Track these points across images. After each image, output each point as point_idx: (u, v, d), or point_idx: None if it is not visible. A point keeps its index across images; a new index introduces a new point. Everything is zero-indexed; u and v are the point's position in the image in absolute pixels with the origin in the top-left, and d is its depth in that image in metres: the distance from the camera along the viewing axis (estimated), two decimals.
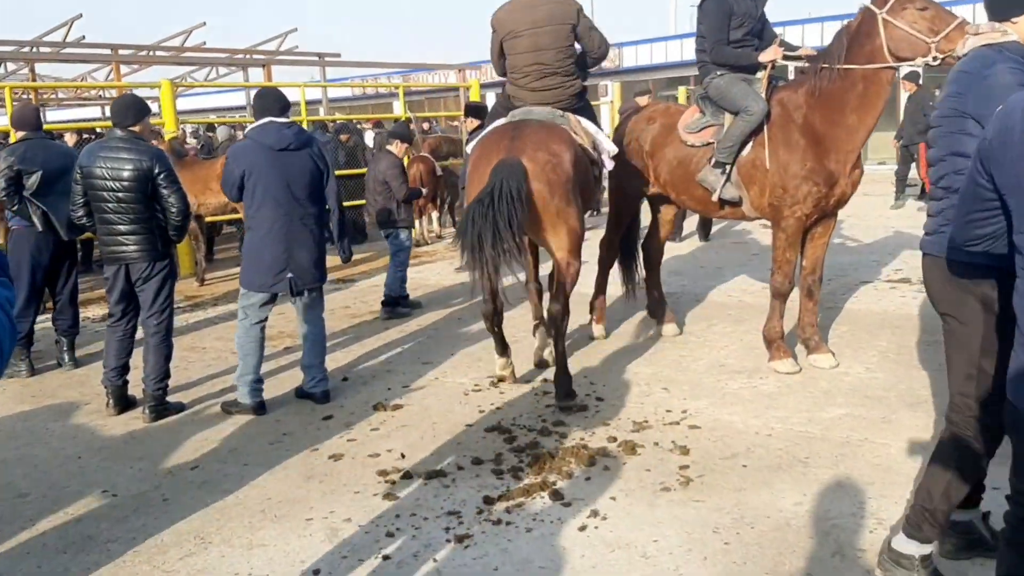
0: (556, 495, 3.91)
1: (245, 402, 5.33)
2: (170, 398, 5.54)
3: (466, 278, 9.51)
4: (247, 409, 5.31)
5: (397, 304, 8.00)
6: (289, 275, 5.24)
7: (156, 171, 5.25)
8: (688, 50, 26.14)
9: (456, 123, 17.57)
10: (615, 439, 4.56)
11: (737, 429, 4.65)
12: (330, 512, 3.91)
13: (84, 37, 18.25)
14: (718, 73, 5.67)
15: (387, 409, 5.28)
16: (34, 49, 17.71)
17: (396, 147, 8.20)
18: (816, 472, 4.06)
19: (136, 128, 5.31)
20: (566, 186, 5.03)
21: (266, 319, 5.46)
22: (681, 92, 18.46)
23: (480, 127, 6.70)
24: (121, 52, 18.29)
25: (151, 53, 20.60)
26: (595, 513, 3.73)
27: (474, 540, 3.57)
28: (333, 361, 6.47)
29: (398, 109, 16.64)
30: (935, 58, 4.77)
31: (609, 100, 22.16)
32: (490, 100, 26.36)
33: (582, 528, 3.62)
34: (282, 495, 4.13)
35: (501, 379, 5.68)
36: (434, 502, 3.95)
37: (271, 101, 5.35)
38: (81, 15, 17.49)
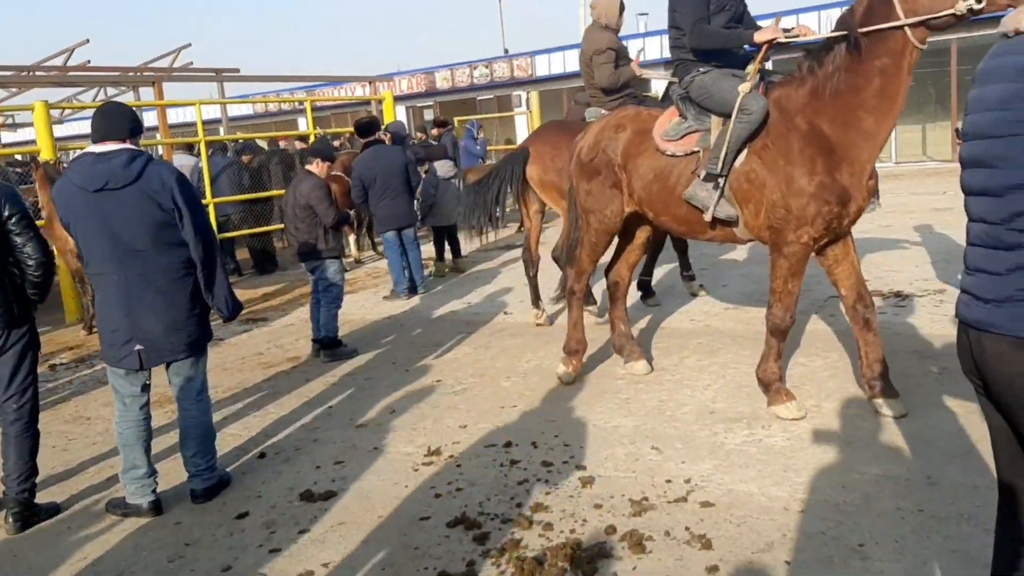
0: None
1: (134, 503, 4.20)
2: (41, 497, 4.39)
3: (395, 311, 8.55)
4: (137, 512, 4.19)
5: (336, 345, 6.94)
6: (136, 347, 4.07)
7: (5, 214, 4.11)
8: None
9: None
10: (614, 529, 3.62)
11: (760, 504, 3.76)
12: None
13: None
14: (701, 70, 4.81)
15: (318, 499, 4.23)
16: None
17: (317, 167, 7.11)
18: (881, 567, 3.19)
19: None
20: None
21: (146, 400, 4.30)
22: None
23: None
24: None
25: (30, 74, 18.88)
26: None
27: None
28: (247, 428, 5.39)
29: (304, 125, 15.48)
30: (971, 9, 3.73)
31: (526, 111, 21.39)
32: (400, 113, 25.34)
33: None
34: None
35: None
36: None
37: (102, 121, 4.07)
38: None
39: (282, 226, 11.76)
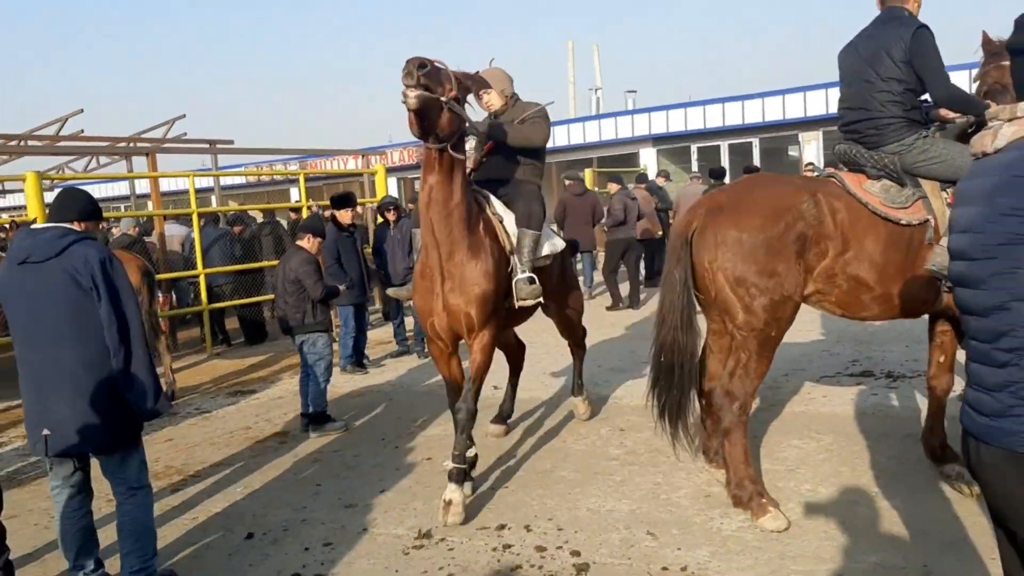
0: None
1: None
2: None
3: (381, 382, 8.51)
4: None
5: (326, 420, 6.88)
6: (44, 431, 3.86)
7: None
8: (591, 132, 26.14)
9: (359, 209, 16.57)
10: None
11: None
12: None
13: None
14: (923, 133, 4.58)
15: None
16: None
17: (308, 242, 7.18)
18: None
19: None
20: None
21: (76, 493, 4.08)
22: (588, 174, 18.00)
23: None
24: None
25: (22, 143, 19.01)
26: None
27: None
28: (234, 507, 5.29)
29: (296, 196, 15.60)
30: None
31: None
32: (392, 186, 25.58)
33: None
34: None
35: None
36: None
37: (53, 204, 4.07)
38: None
39: (272, 297, 11.80)
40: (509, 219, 5.35)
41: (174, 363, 9.10)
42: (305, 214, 12.49)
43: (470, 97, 5.08)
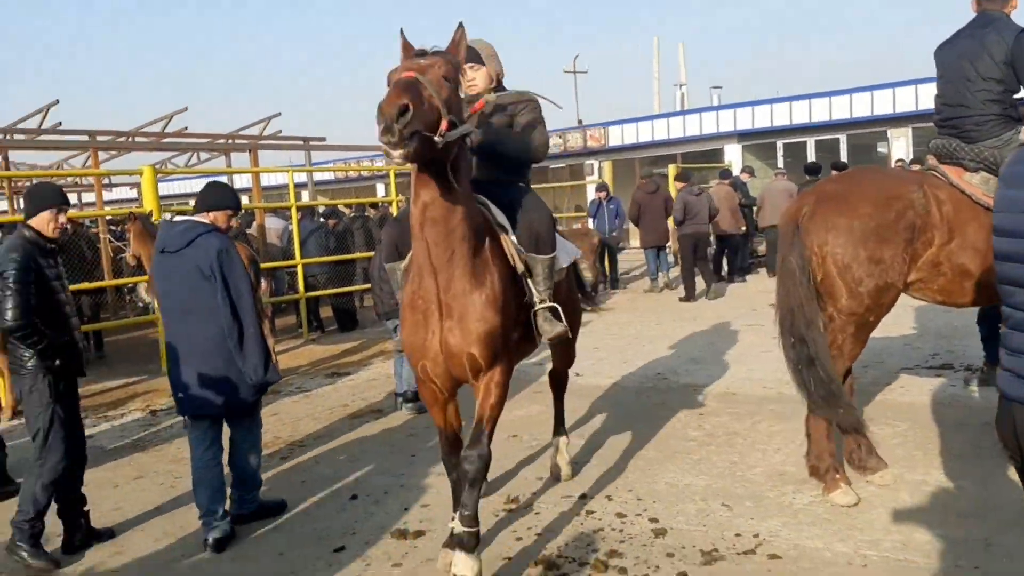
0: None
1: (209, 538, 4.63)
2: (154, 526, 4.81)
3: None
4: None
5: (418, 398, 7.32)
6: (179, 394, 4.68)
7: None
8: (675, 128, 26.20)
9: None
10: (685, 575, 3.86)
11: (825, 559, 3.96)
12: None
13: (60, 124, 17.73)
14: (1019, 129, 4.81)
15: (408, 537, 4.56)
16: (8, 136, 17.15)
17: None
18: None
19: None
20: None
21: (209, 446, 4.71)
22: (671, 169, 18.15)
23: None
24: (99, 138, 17.77)
25: (130, 139, 20.13)
26: None
27: None
28: (337, 473, 5.76)
29: (382, 192, 16.19)
30: None
31: (597, 179, 21.91)
32: None
33: None
34: None
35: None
36: None
37: (197, 197, 4.85)
38: (57, 101, 16.98)
39: (364, 287, 12.38)
40: (510, 230, 4.23)
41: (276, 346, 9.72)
42: (395, 209, 13.03)
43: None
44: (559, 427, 5.52)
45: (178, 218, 4.86)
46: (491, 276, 3.92)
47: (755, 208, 15.82)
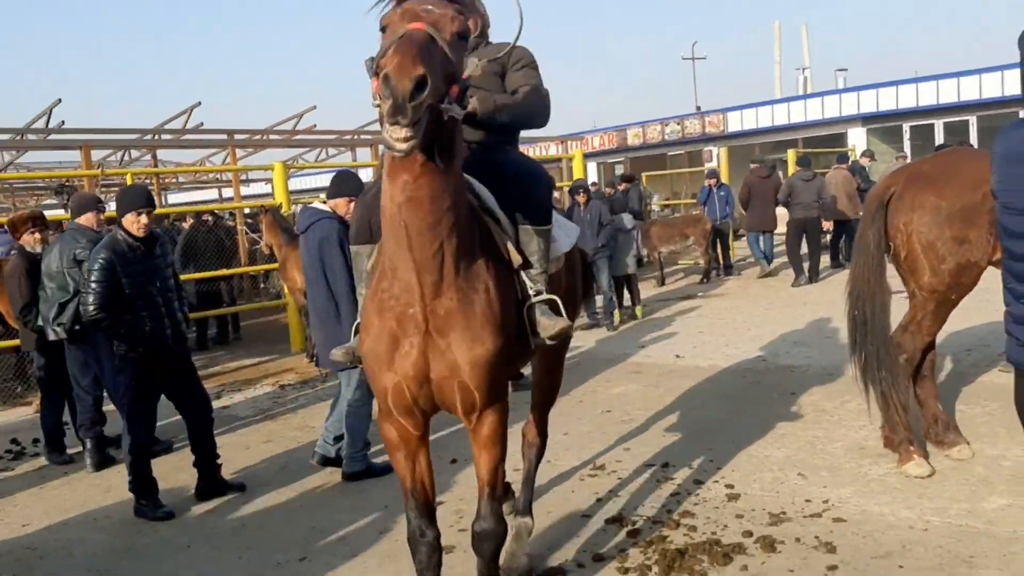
0: None
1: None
2: (287, 477, 5.42)
3: (571, 352, 9.30)
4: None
5: (519, 377, 7.67)
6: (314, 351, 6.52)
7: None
8: (796, 113, 25.70)
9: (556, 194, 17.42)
10: (750, 533, 4.14)
11: (888, 523, 4.16)
12: None
13: (202, 124, 19.12)
14: None
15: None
16: (156, 136, 18.61)
17: None
18: (983, 574, 3.56)
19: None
20: None
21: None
22: (791, 155, 17.93)
23: None
24: (236, 137, 19.01)
25: (265, 137, 21.41)
26: None
27: None
28: (437, 440, 6.25)
29: None
30: None
31: (715, 166, 21.81)
32: (591, 171, 26.33)
33: None
34: None
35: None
36: None
37: (333, 183, 5.63)
38: (200, 103, 18.35)
39: None
40: (501, 214, 3.34)
41: None
42: None
43: None
44: (525, 503, 4.19)
45: (311, 205, 5.87)
46: (488, 281, 3.03)
47: None
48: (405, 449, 3.20)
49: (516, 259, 3.25)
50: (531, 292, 3.28)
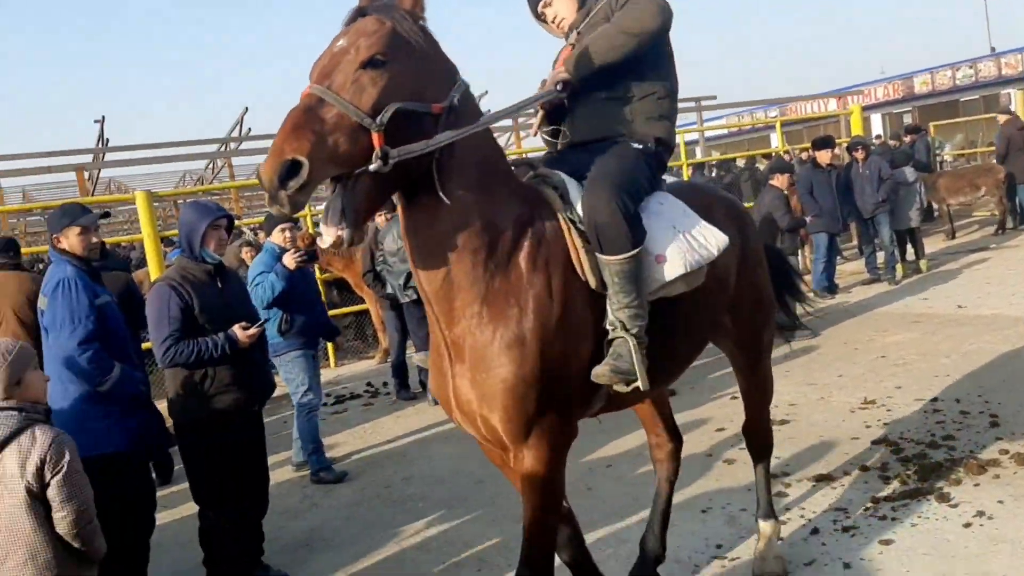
0: (943, 497, 4.16)
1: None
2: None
3: (847, 301, 9.63)
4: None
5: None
6: None
7: None
8: None
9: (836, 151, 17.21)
10: (1007, 451, 4.61)
11: None
12: (727, 503, 4.51)
13: None
14: None
15: (774, 424, 5.74)
16: None
17: (778, 180, 8.69)
18: None
19: None
20: None
21: None
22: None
23: None
24: None
25: None
26: (981, 513, 3.93)
27: (859, 531, 3.96)
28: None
29: (775, 143, 16.87)
30: None
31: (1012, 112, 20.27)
32: (876, 124, 25.30)
33: (967, 525, 3.84)
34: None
35: None
36: (822, 500, 4.39)
37: None
38: None
39: None
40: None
41: None
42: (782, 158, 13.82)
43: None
44: (765, 505, 3.83)
45: None
46: (528, 302, 2.64)
47: None
48: (507, 471, 3.00)
49: (591, 279, 2.73)
50: (607, 326, 2.75)
